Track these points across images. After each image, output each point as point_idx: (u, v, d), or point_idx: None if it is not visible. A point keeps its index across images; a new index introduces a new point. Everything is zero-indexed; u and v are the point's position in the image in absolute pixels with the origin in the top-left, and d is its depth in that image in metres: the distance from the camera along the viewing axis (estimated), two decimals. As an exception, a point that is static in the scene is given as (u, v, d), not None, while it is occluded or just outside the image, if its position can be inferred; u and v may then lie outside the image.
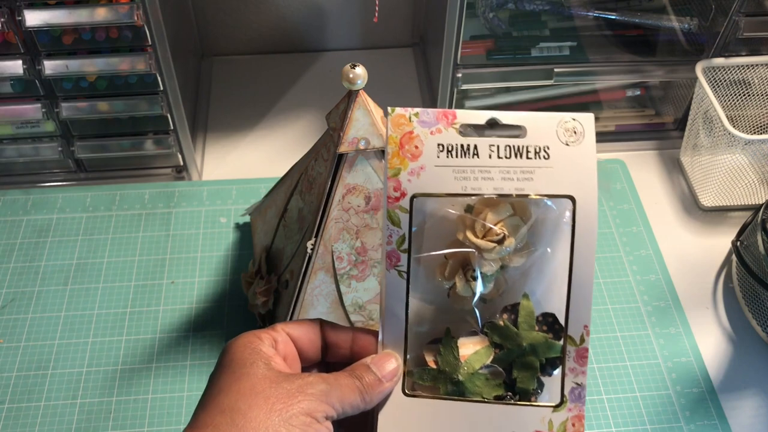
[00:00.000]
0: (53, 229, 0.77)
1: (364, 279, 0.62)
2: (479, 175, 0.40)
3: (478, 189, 0.40)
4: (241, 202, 0.80)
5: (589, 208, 0.40)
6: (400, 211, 0.41)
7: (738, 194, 0.80)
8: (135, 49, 0.70)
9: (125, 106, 0.74)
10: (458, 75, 0.77)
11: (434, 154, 0.40)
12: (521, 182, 0.40)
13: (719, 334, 0.72)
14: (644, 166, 0.86)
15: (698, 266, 0.77)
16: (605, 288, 0.74)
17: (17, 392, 0.66)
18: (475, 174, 0.40)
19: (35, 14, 0.66)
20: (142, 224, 0.78)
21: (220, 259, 0.75)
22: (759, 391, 0.68)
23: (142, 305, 0.72)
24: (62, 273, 0.74)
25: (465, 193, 0.40)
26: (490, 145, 0.40)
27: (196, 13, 0.92)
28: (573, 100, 0.87)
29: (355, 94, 0.54)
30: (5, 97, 0.73)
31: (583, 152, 0.40)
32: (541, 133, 0.40)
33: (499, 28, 0.81)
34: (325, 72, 0.96)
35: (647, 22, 0.83)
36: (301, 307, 0.61)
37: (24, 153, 0.78)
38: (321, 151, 0.59)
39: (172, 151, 0.79)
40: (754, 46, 0.80)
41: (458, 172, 0.40)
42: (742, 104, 0.82)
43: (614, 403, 0.66)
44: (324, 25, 0.96)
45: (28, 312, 0.71)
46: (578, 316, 0.40)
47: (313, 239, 0.59)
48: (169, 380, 0.67)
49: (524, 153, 0.40)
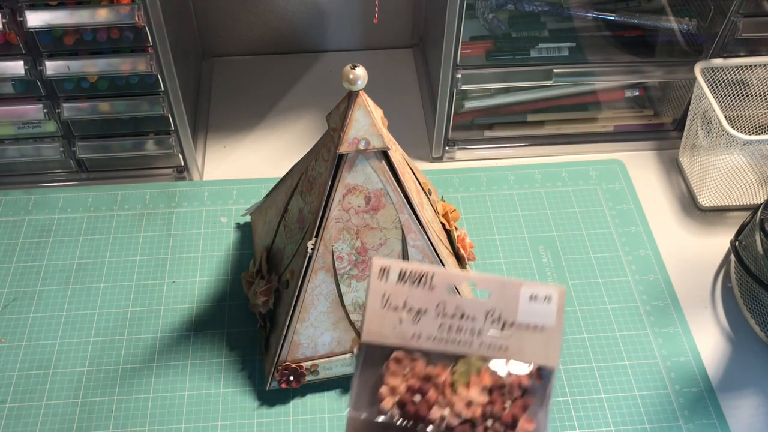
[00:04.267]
0: (54, 229, 0.78)
1: (364, 279, 0.62)
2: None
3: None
4: (241, 202, 0.81)
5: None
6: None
7: (736, 194, 0.80)
8: (136, 50, 0.71)
9: (126, 106, 0.74)
10: (458, 75, 0.78)
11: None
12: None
13: (718, 333, 0.72)
14: (643, 167, 0.86)
15: (697, 266, 0.77)
16: (604, 288, 0.74)
17: (19, 391, 0.66)
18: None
19: (37, 15, 0.66)
20: (143, 224, 0.78)
21: (221, 259, 0.76)
22: (757, 391, 0.68)
23: (143, 305, 0.72)
24: (63, 273, 0.74)
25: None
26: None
27: (197, 13, 0.92)
28: (572, 101, 0.87)
29: (355, 94, 0.54)
30: (7, 97, 0.73)
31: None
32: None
33: (499, 28, 0.82)
34: (325, 73, 0.97)
35: (646, 23, 0.83)
36: (302, 307, 0.62)
37: (25, 153, 0.79)
38: (321, 152, 0.60)
39: (173, 151, 0.80)
40: (752, 47, 0.80)
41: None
42: (740, 105, 0.82)
43: (613, 403, 0.66)
44: (324, 25, 0.97)
45: (30, 311, 0.71)
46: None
47: (314, 239, 0.59)
48: (170, 380, 0.67)
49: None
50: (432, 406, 0.38)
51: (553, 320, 0.39)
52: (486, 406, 0.38)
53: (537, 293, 0.39)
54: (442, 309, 0.39)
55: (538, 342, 0.39)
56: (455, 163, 0.86)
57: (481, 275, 0.40)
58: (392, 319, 0.39)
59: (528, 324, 0.39)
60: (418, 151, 0.87)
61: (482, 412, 0.38)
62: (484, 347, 0.39)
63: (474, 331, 0.39)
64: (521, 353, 0.39)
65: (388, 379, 0.39)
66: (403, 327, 0.39)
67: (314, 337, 0.63)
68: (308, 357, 0.65)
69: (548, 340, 0.39)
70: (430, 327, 0.39)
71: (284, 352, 0.64)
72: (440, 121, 0.82)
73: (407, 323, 0.39)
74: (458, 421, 0.38)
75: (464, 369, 0.39)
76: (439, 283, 0.40)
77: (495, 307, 0.39)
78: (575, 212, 0.81)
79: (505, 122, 0.87)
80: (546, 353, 0.39)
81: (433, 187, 0.73)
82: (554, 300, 0.39)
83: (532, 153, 0.87)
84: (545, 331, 0.39)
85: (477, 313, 0.39)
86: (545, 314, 0.39)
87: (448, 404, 0.38)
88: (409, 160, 0.66)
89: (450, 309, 0.39)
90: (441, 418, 0.38)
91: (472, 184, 0.83)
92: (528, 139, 0.88)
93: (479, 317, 0.39)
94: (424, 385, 0.39)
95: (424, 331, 0.39)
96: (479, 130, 0.87)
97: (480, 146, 0.87)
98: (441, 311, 0.39)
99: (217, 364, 0.68)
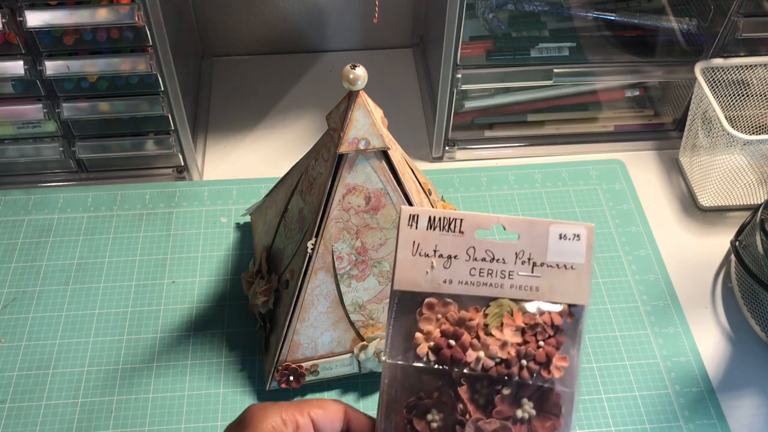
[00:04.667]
0: (54, 229, 0.78)
1: (364, 279, 0.62)
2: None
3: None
4: (241, 202, 0.81)
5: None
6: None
7: (737, 194, 0.80)
8: (136, 50, 0.70)
9: (126, 106, 0.74)
10: (458, 75, 0.78)
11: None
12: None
13: (718, 333, 0.72)
14: (643, 166, 0.86)
15: (697, 266, 0.77)
16: (604, 288, 0.74)
17: (18, 392, 0.66)
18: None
19: (36, 15, 0.66)
20: (143, 224, 0.78)
21: (221, 259, 0.76)
22: (758, 391, 0.68)
23: (143, 305, 0.72)
24: (63, 273, 0.74)
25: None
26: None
27: (197, 13, 0.92)
28: (572, 101, 0.87)
29: (355, 94, 0.54)
30: (6, 97, 0.73)
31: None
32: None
33: (499, 28, 0.82)
34: (325, 72, 0.97)
35: (646, 22, 0.83)
36: (302, 307, 0.62)
37: (25, 153, 0.79)
38: (321, 152, 0.60)
39: (173, 151, 0.79)
40: (752, 47, 0.80)
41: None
42: (740, 105, 0.82)
43: (613, 403, 0.66)
44: (324, 25, 0.97)
45: (29, 312, 0.71)
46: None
47: (314, 239, 0.59)
48: (169, 380, 0.67)
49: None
50: (467, 349, 0.39)
51: (582, 258, 0.39)
52: (520, 347, 0.39)
53: (566, 232, 0.40)
54: (472, 253, 0.40)
55: (568, 281, 0.39)
56: (455, 163, 0.86)
57: (510, 217, 0.40)
58: (423, 266, 0.40)
59: (558, 263, 0.40)
60: (418, 151, 0.87)
61: (516, 352, 0.39)
62: (515, 289, 0.40)
63: (504, 273, 0.40)
64: (552, 293, 0.39)
65: (422, 325, 0.40)
66: (434, 273, 0.40)
67: (314, 337, 0.63)
68: (308, 357, 0.64)
69: (578, 278, 0.39)
70: (461, 271, 0.40)
71: (284, 352, 0.64)
72: (440, 121, 0.82)
73: (438, 269, 0.40)
74: (493, 363, 0.39)
75: (497, 311, 0.40)
76: (468, 227, 0.40)
77: (524, 248, 0.40)
78: (575, 212, 0.80)
79: (506, 122, 0.87)
80: (576, 291, 0.39)
81: (433, 187, 0.73)
82: (583, 237, 0.40)
83: (533, 153, 0.87)
84: (575, 269, 0.39)
85: (507, 255, 0.40)
86: (575, 252, 0.40)
87: (482, 346, 0.39)
88: (409, 160, 0.65)
89: (480, 252, 0.40)
90: (476, 359, 0.39)
91: (473, 184, 0.83)
92: (528, 139, 0.88)
93: (509, 259, 0.40)
94: (458, 330, 0.39)
95: (455, 276, 0.40)
96: (479, 130, 0.87)
97: (480, 146, 0.87)
98: (471, 255, 0.40)
99: (217, 364, 0.68)
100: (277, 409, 0.39)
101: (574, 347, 0.39)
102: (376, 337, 0.64)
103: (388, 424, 0.39)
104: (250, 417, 0.39)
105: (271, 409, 0.39)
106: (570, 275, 0.40)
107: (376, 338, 0.64)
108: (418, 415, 0.39)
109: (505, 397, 0.39)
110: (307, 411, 0.40)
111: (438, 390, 0.39)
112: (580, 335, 0.40)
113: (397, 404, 0.39)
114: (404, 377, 0.39)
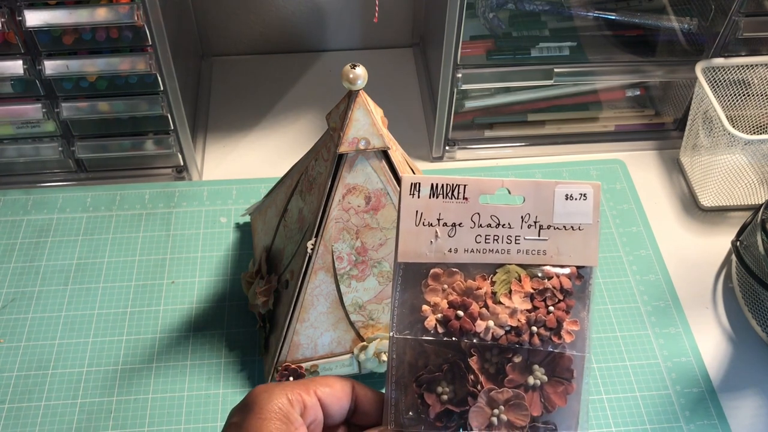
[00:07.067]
0: (53, 229, 0.78)
1: (364, 279, 0.62)
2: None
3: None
4: (241, 202, 0.80)
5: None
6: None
7: (737, 194, 0.80)
8: (135, 50, 0.70)
9: (125, 106, 0.74)
10: (458, 75, 0.78)
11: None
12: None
13: (719, 334, 0.72)
14: (644, 166, 0.86)
15: (698, 266, 0.77)
16: (605, 288, 0.74)
17: (17, 392, 0.66)
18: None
19: (36, 14, 0.66)
20: (143, 224, 0.78)
21: (221, 259, 0.75)
22: (758, 391, 0.68)
23: (143, 305, 0.72)
24: (62, 273, 0.74)
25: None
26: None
27: (197, 13, 0.92)
28: (573, 100, 0.87)
29: (355, 94, 0.54)
30: (6, 97, 0.73)
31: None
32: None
33: (499, 28, 0.81)
34: (325, 72, 0.97)
35: (647, 22, 0.83)
36: (301, 307, 0.62)
37: (24, 153, 0.78)
38: (321, 151, 0.59)
39: (173, 151, 0.79)
40: (753, 47, 0.80)
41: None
42: (741, 104, 0.82)
43: (614, 403, 0.66)
44: (324, 25, 0.96)
45: (29, 312, 0.71)
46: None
47: (314, 239, 0.59)
48: (169, 380, 0.67)
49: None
50: (476, 319, 0.38)
51: (589, 218, 0.39)
52: (530, 313, 0.38)
53: (572, 191, 0.39)
54: (477, 219, 0.39)
55: (575, 242, 0.39)
56: (455, 162, 0.86)
57: (515, 180, 0.39)
58: (427, 236, 0.39)
59: (564, 224, 0.39)
60: (418, 151, 0.87)
61: (526, 319, 0.38)
62: (522, 253, 0.39)
63: (511, 238, 0.39)
64: (560, 255, 0.39)
65: (428, 297, 0.39)
66: (439, 242, 0.39)
67: (314, 337, 0.63)
68: (308, 357, 0.64)
69: (586, 239, 0.39)
70: (466, 239, 0.39)
71: (284, 353, 0.63)
72: (440, 120, 0.82)
73: (443, 238, 0.39)
74: (503, 332, 0.38)
75: (504, 278, 0.39)
76: (472, 193, 0.39)
77: (530, 211, 0.39)
78: (576, 212, 0.80)
79: (506, 122, 0.87)
80: (584, 253, 0.39)
81: (433, 187, 0.73)
82: (590, 197, 0.39)
83: (533, 153, 0.87)
84: (582, 230, 0.39)
85: (512, 219, 0.39)
86: (582, 212, 0.39)
87: (491, 315, 0.38)
88: (409, 159, 0.65)
89: (485, 218, 0.39)
90: (486, 329, 0.38)
91: (473, 183, 0.83)
92: (528, 139, 0.87)
93: (515, 224, 0.39)
94: (465, 300, 0.39)
95: (460, 244, 0.39)
96: (479, 130, 0.87)
97: (480, 146, 0.86)
98: (477, 222, 0.39)
99: (217, 364, 0.68)
100: (282, 389, 0.39)
101: (584, 310, 0.39)
102: (376, 337, 0.64)
103: (398, 399, 0.39)
104: (256, 398, 0.38)
105: (276, 390, 0.39)
106: (577, 236, 0.39)
107: (376, 339, 0.64)
108: (428, 388, 0.38)
109: (516, 365, 0.38)
110: (314, 390, 0.39)
111: (448, 362, 0.38)
112: (590, 297, 0.39)
113: (406, 378, 0.39)
114: (412, 351, 0.39)
